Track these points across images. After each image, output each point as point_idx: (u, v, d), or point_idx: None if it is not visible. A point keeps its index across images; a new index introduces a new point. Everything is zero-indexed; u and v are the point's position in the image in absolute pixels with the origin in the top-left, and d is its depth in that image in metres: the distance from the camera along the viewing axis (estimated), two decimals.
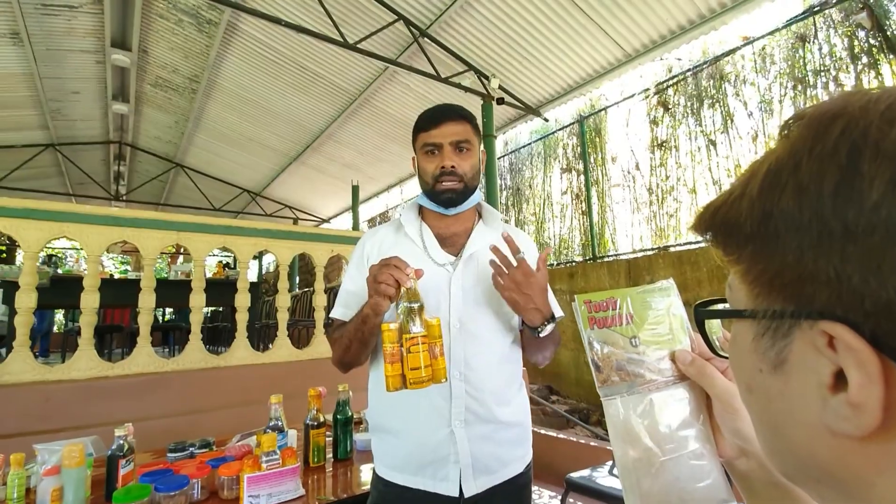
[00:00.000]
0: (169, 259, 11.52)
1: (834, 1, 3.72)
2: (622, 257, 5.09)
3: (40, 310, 4.70)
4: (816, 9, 3.84)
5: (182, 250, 8.47)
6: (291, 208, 10.88)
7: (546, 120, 5.83)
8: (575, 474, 2.05)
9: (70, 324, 6.88)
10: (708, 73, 4.60)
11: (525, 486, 1.12)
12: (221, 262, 9.66)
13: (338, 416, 1.77)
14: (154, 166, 9.50)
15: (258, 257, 12.16)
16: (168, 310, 8.17)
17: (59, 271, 6.19)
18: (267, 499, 1.32)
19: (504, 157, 6.97)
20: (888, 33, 3.44)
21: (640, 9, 4.02)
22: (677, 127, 4.84)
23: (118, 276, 7.94)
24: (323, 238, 3.56)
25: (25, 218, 2.47)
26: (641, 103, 5.19)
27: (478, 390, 1.04)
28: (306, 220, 11.16)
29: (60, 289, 4.32)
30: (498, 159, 6.45)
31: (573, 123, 5.88)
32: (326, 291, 3.54)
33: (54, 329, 7.74)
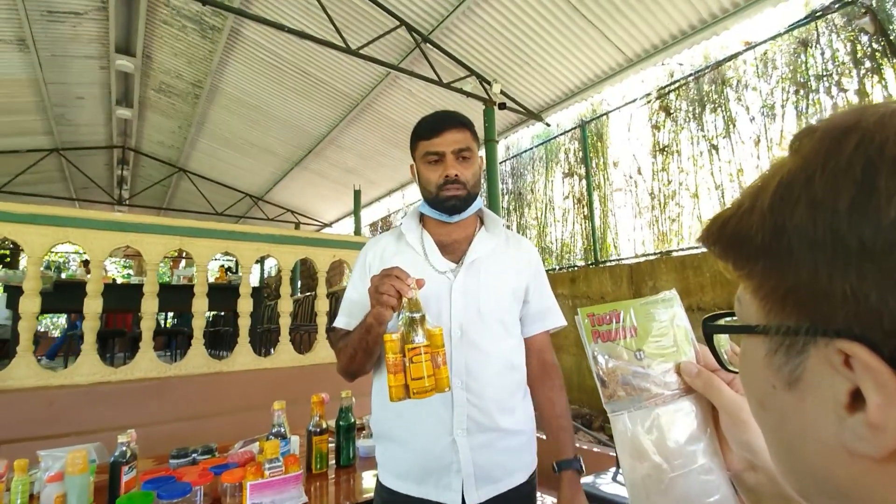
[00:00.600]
0: (171, 263, 11.53)
1: (836, 6, 3.72)
2: (624, 262, 5.07)
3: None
4: (818, 14, 3.84)
5: (184, 255, 8.49)
6: (293, 213, 10.92)
7: (548, 125, 5.84)
8: None
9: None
10: (710, 78, 4.61)
11: (529, 495, 1.11)
12: (223, 266, 9.68)
13: (340, 423, 1.76)
14: (157, 171, 9.55)
15: (260, 261, 12.17)
16: (170, 314, 8.17)
17: (63, 276, 6.19)
18: None
19: (506, 162, 6.99)
20: (891, 38, 3.44)
21: (642, 14, 4.03)
22: (679, 132, 4.84)
23: (121, 281, 7.95)
24: (325, 243, 3.56)
25: (29, 223, 2.48)
26: (643, 108, 5.19)
27: (479, 398, 1.04)
28: (308, 225, 11.18)
29: (64, 294, 4.32)
30: (500, 164, 6.46)
31: (575, 128, 5.89)
32: (328, 296, 3.54)
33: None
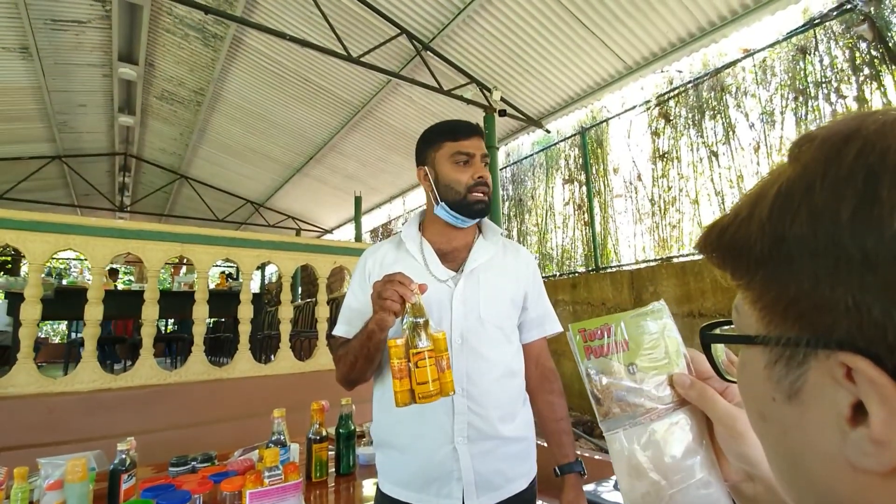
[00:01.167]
0: (172, 270, 11.53)
1: (835, 13, 3.74)
2: (625, 268, 5.07)
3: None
4: (817, 21, 3.86)
5: (185, 261, 8.51)
6: (294, 219, 10.94)
7: (548, 131, 5.86)
8: None
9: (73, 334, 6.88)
10: (709, 85, 4.63)
11: (530, 502, 1.10)
12: (224, 273, 9.69)
13: (340, 430, 1.76)
14: (159, 178, 9.59)
15: (261, 268, 12.18)
16: (170, 320, 8.17)
17: (64, 282, 6.20)
18: None
19: (506, 168, 7.01)
20: (889, 44, 3.45)
21: (641, 22, 4.06)
22: (679, 138, 4.86)
23: (122, 288, 7.96)
24: (325, 250, 3.57)
25: (31, 230, 2.49)
26: (643, 115, 5.21)
27: (480, 406, 1.04)
28: (309, 231, 11.21)
29: (65, 300, 4.32)
30: (500, 170, 6.48)
31: (575, 135, 5.91)
32: (329, 302, 3.54)
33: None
